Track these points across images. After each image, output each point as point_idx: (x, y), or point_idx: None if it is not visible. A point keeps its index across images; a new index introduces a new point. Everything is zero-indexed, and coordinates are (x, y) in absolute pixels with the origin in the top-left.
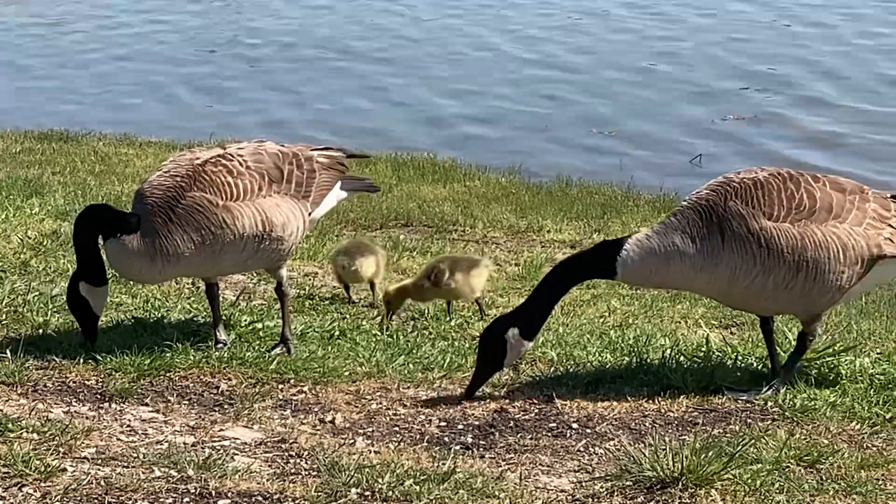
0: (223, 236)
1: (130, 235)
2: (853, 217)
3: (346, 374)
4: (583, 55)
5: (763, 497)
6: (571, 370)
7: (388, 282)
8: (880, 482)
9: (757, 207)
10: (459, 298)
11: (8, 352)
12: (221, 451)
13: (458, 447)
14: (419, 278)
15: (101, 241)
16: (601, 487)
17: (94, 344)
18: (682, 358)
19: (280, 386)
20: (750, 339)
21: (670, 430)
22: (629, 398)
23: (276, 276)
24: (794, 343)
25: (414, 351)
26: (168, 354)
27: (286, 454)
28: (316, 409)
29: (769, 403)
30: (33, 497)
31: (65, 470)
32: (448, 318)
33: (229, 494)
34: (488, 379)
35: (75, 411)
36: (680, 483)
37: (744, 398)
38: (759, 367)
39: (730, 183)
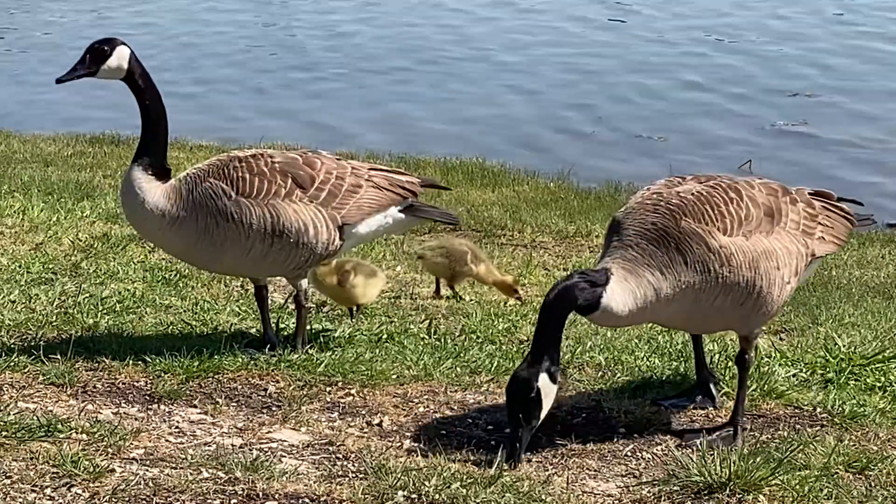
0: (227, 229)
1: (152, 170)
2: (791, 221)
3: (394, 377)
4: (626, 59)
5: (811, 503)
6: (619, 375)
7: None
8: None
9: (711, 223)
10: (348, 302)
11: (58, 353)
12: (269, 453)
13: (505, 451)
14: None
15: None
16: (648, 492)
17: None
18: (730, 363)
19: (328, 389)
20: (799, 345)
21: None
22: None
23: (295, 285)
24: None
25: (461, 354)
26: (216, 357)
27: (333, 456)
28: (363, 412)
29: (818, 409)
30: (82, 497)
31: (113, 471)
32: (352, 320)
33: (277, 496)
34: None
35: (124, 412)
36: (728, 488)
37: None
38: (808, 373)
39: (669, 200)
